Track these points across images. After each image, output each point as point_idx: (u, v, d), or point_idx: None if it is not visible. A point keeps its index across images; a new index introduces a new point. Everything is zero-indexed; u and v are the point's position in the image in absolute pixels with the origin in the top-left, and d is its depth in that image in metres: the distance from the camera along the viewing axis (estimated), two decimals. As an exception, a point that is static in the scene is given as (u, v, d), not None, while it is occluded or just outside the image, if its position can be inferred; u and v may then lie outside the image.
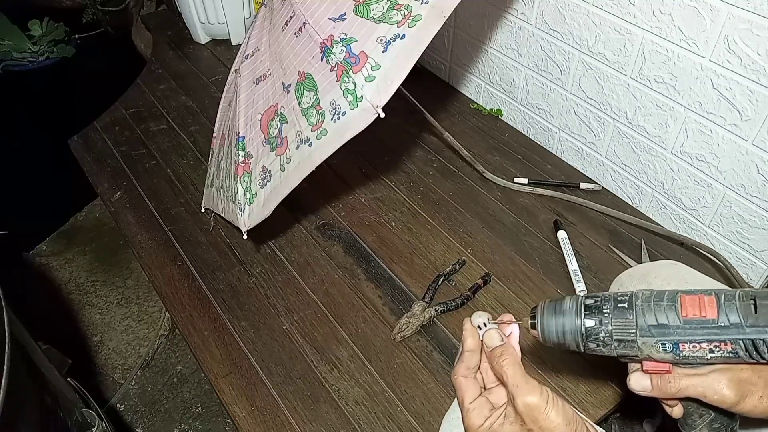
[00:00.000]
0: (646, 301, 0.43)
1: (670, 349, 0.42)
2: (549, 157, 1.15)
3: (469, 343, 0.48)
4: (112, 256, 1.71)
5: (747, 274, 0.93)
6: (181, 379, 1.38)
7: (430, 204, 1.04)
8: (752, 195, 0.86)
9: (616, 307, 0.44)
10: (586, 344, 0.45)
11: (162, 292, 0.91)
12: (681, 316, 0.42)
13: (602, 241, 0.97)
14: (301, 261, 0.95)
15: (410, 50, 0.67)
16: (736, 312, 0.41)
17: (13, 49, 1.97)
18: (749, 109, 0.80)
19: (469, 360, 0.48)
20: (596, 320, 0.44)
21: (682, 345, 0.42)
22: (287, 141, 0.77)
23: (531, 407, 0.41)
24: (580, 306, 0.45)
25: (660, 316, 0.42)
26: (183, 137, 1.22)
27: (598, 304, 0.45)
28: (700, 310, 0.41)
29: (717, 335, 0.41)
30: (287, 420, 0.75)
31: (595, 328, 0.44)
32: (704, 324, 0.41)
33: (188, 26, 1.53)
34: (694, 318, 0.41)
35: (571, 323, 0.45)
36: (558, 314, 0.46)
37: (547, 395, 0.42)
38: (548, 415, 0.41)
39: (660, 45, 0.87)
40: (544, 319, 0.47)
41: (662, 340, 0.42)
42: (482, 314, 0.49)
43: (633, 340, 0.43)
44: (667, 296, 0.43)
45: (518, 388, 0.43)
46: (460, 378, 0.47)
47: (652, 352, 0.43)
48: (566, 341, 0.46)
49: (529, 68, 1.12)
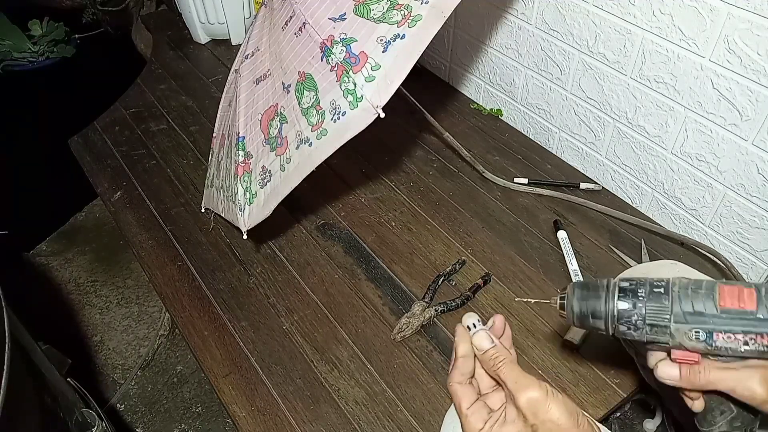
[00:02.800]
0: (684, 288, 0.43)
1: (703, 338, 0.42)
2: (549, 157, 1.15)
3: (461, 348, 0.48)
4: (112, 256, 1.71)
5: (747, 274, 0.93)
6: (181, 379, 1.38)
7: (430, 204, 1.04)
8: (752, 195, 0.86)
9: (651, 291, 0.44)
10: (617, 326, 0.44)
11: (162, 292, 0.91)
12: (719, 305, 0.42)
13: (602, 241, 0.97)
14: (301, 261, 0.95)
15: (410, 50, 0.67)
16: None
17: (13, 49, 1.97)
18: (749, 109, 0.80)
19: (463, 366, 0.47)
20: (630, 303, 0.44)
21: (717, 334, 0.42)
22: (287, 141, 0.77)
23: (533, 402, 0.42)
24: (614, 288, 0.45)
25: (697, 303, 0.42)
26: (183, 137, 1.22)
27: (633, 287, 0.44)
28: (738, 301, 0.41)
29: (755, 327, 0.41)
30: (287, 420, 0.75)
31: (628, 311, 0.44)
32: (743, 315, 0.41)
33: (188, 26, 1.53)
34: (732, 308, 0.41)
35: (603, 305, 0.45)
36: (590, 295, 0.46)
37: (546, 389, 0.42)
38: (550, 409, 0.41)
39: (660, 45, 0.87)
40: (574, 299, 0.46)
41: (696, 327, 0.42)
42: (472, 315, 0.49)
43: (666, 326, 0.43)
44: (705, 285, 0.43)
45: (518, 384, 0.43)
46: (455, 385, 0.47)
47: (684, 339, 0.43)
48: (595, 323, 0.45)
49: (529, 68, 1.12)
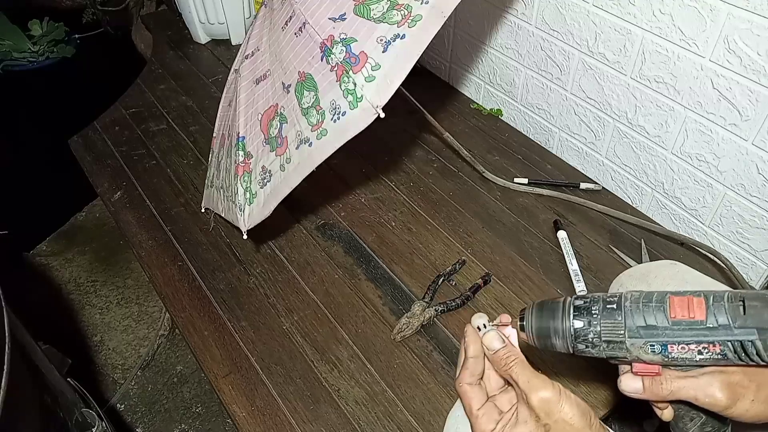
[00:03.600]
0: (635, 302, 0.43)
1: (658, 350, 0.42)
2: (549, 157, 1.15)
3: (472, 349, 0.47)
4: (112, 256, 1.71)
5: (747, 274, 0.93)
6: (181, 379, 1.38)
7: (430, 204, 1.04)
8: (752, 195, 0.86)
9: (605, 308, 0.44)
10: (575, 345, 0.45)
11: (162, 292, 0.91)
12: (669, 317, 0.42)
13: (602, 241, 0.97)
14: (301, 261, 0.95)
15: (410, 50, 0.67)
16: (725, 313, 0.40)
17: (13, 49, 1.97)
18: (749, 109, 0.80)
19: (473, 367, 0.47)
20: (585, 321, 0.44)
21: (671, 346, 0.42)
22: (287, 141, 0.77)
23: (546, 401, 0.42)
24: (569, 307, 0.45)
25: (648, 317, 0.42)
26: (183, 137, 1.22)
27: (587, 305, 0.44)
28: (688, 311, 0.41)
29: (705, 336, 0.41)
30: (287, 420, 0.75)
31: (583, 329, 0.44)
32: (693, 325, 0.41)
33: (188, 26, 1.53)
34: (683, 319, 0.41)
35: (560, 324, 0.45)
36: (547, 315, 0.46)
37: (559, 389, 0.42)
38: (563, 408, 0.41)
39: (660, 45, 0.87)
40: (532, 321, 0.47)
41: (651, 341, 0.42)
42: (482, 315, 0.49)
43: (621, 342, 0.43)
44: (656, 297, 0.43)
45: (530, 384, 0.43)
46: (465, 385, 0.46)
47: (640, 353, 0.43)
48: (555, 343, 0.46)
49: (529, 68, 1.12)
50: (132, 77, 1.41)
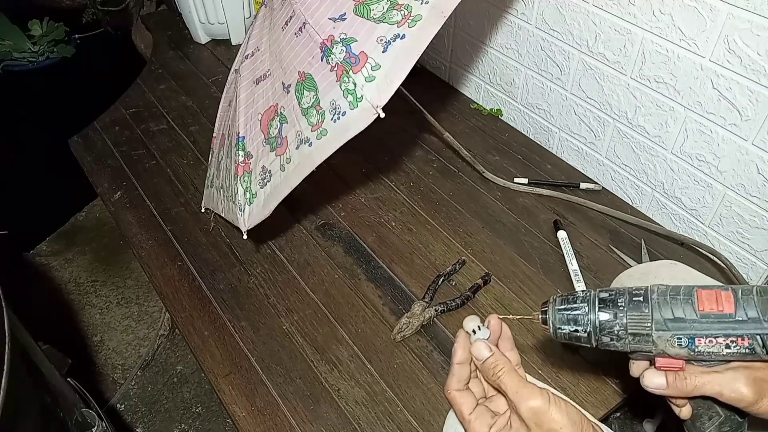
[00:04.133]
0: (662, 294, 0.43)
1: (685, 343, 0.42)
2: (549, 157, 1.15)
3: (459, 355, 0.47)
4: (112, 256, 1.71)
5: (747, 274, 0.93)
6: (181, 379, 1.38)
7: (430, 204, 1.04)
8: (752, 195, 0.86)
9: (631, 300, 0.43)
10: (600, 338, 0.44)
11: (162, 292, 0.91)
12: (698, 310, 0.41)
13: (602, 241, 0.97)
14: (301, 261, 0.95)
15: (410, 50, 0.67)
16: (754, 306, 0.40)
17: (13, 49, 1.97)
18: (749, 109, 0.80)
19: (459, 373, 0.47)
20: (611, 314, 0.44)
21: (698, 340, 0.41)
22: (287, 141, 0.77)
23: (534, 411, 0.41)
24: (594, 299, 0.45)
25: (676, 309, 0.42)
26: (183, 137, 1.22)
27: (612, 298, 0.44)
28: (717, 305, 0.41)
29: (734, 330, 0.40)
30: (287, 420, 0.75)
31: (609, 321, 0.44)
32: (721, 318, 0.41)
33: (188, 26, 1.53)
34: (711, 312, 0.41)
35: (585, 317, 0.44)
36: (570, 308, 0.45)
37: (548, 397, 0.42)
38: (552, 417, 0.41)
39: (660, 45, 0.87)
40: (555, 314, 0.46)
41: (678, 334, 0.42)
42: (474, 318, 0.48)
43: (648, 334, 0.42)
44: (683, 290, 0.43)
45: (518, 394, 0.42)
46: (453, 392, 0.46)
47: (666, 346, 0.42)
48: (578, 335, 0.45)
49: (529, 68, 1.12)
50: (132, 77, 1.41)
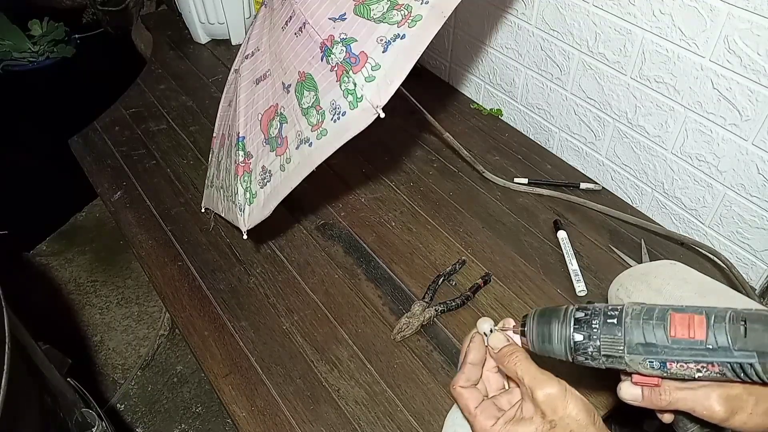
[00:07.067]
0: (636, 317, 0.43)
1: (657, 366, 0.42)
2: (549, 157, 1.15)
3: (473, 356, 0.47)
4: (112, 256, 1.71)
5: (747, 274, 0.93)
6: (181, 379, 1.38)
7: (430, 204, 1.04)
8: (752, 195, 0.86)
9: (605, 322, 0.43)
10: (575, 357, 0.45)
11: (162, 292, 0.91)
12: (669, 336, 0.41)
13: (602, 241, 0.97)
14: (301, 261, 0.95)
15: (410, 50, 0.67)
16: (725, 334, 0.40)
17: (13, 49, 1.97)
18: (749, 109, 0.80)
19: (469, 373, 0.47)
20: (585, 335, 0.44)
21: (670, 363, 0.42)
22: (287, 141, 0.77)
23: (552, 397, 0.42)
24: (569, 318, 0.45)
25: (648, 334, 0.42)
26: (183, 137, 1.22)
27: (587, 318, 0.44)
28: (688, 330, 0.41)
29: (704, 357, 0.40)
30: (287, 420, 0.75)
31: (583, 342, 0.44)
32: (692, 345, 0.41)
33: (188, 26, 1.53)
34: (683, 338, 0.41)
35: (560, 336, 0.45)
36: (547, 324, 0.46)
37: (564, 386, 0.43)
38: (568, 405, 0.42)
39: (660, 45, 0.87)
40: (533, 328, 0.46)
41: (649, 358, 0.42)
42: (487, 320, 0.49)
43: (621, 357, 0.43)
44: (657, 313, 0.43)
45: (536, 380, 0.43)
46: (458, 388, 0.47)
47: (639, 368, 0.43)
48: (555, 351, 0.45)
49: (529, 68, 1.12)
50: (132, 77, 1.41)
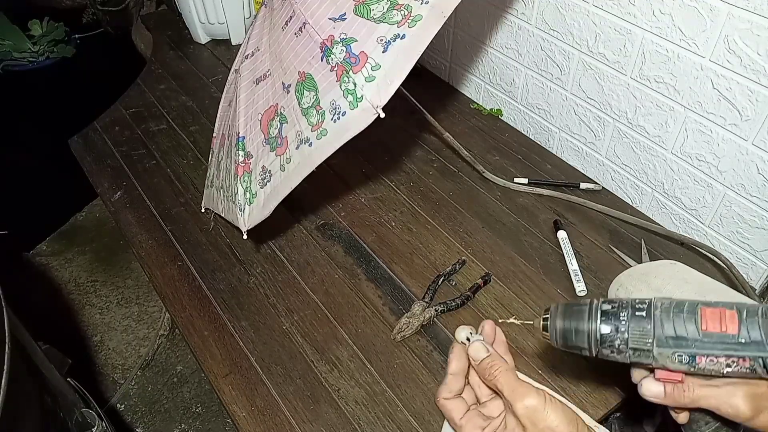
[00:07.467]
0: (665, 311, 0.42)
1: (686, 360, 0.41)
2: (549, 157, 1.15)
3: (453, 366, 0.47)
4: (112, 256, 1.71)
5: (747, 274, 0.93)
6: (181, 379, 1.38)
7: (430, 204, 1.04)
8: (752, 195, 0.86)
9: (633, 315, 0.43)
10: (600, 350, 0.44)
11: (162, 292, 0.91)
12: (701, 329, 0.41)
13: (602, 241, 0.97)
14: (301, 261, 0.95)
15: (410, 50, 0.67)
16: (758, 329, 0.40)
17: (13, 49, 1.97)
18: (749, 109, 0.80)
19: (451, 383, 0.47)
20: (612, 327, 0.43)
21: (699, 358, 0.41)
22: (287, 141, 0.77)
23: (531, 410, 0.41)
24: (596, 311, 0.44)
25: (679, 327, 0.41)
26: (183, 137, 1.22)
27: (615, 311, 0.43)
28: (720, 324, 0.40)
29: (736, 351, 0.40)
30: (287, 420, 0.75)
31: (610, 335, 0.43)
32: (724, 339, 0.40)
33: (188, 26, 1.53)
34: (714, 332, 0.40)
35: (586, 328, 0.44)
36: (572, 318, 0.45)
37: (544, 396, 0.42)
38: (548, 416, 0.41)
39: (660, 45, 0.87)
40: (556, 322, 0.46)
41: (679, 351, 0.41)
42: (465, 328, 0.48)
43: (649, 350, 0.42)
44: (687, 307, 0.42)
45: (515, 393, 0.42)
46: (442, 400, 0.47)
47: (667, 362, 0.42)
48: (579, 346, 0.45)
49: (529, 68, 1.12)
50: (132, 77, 1.41)
